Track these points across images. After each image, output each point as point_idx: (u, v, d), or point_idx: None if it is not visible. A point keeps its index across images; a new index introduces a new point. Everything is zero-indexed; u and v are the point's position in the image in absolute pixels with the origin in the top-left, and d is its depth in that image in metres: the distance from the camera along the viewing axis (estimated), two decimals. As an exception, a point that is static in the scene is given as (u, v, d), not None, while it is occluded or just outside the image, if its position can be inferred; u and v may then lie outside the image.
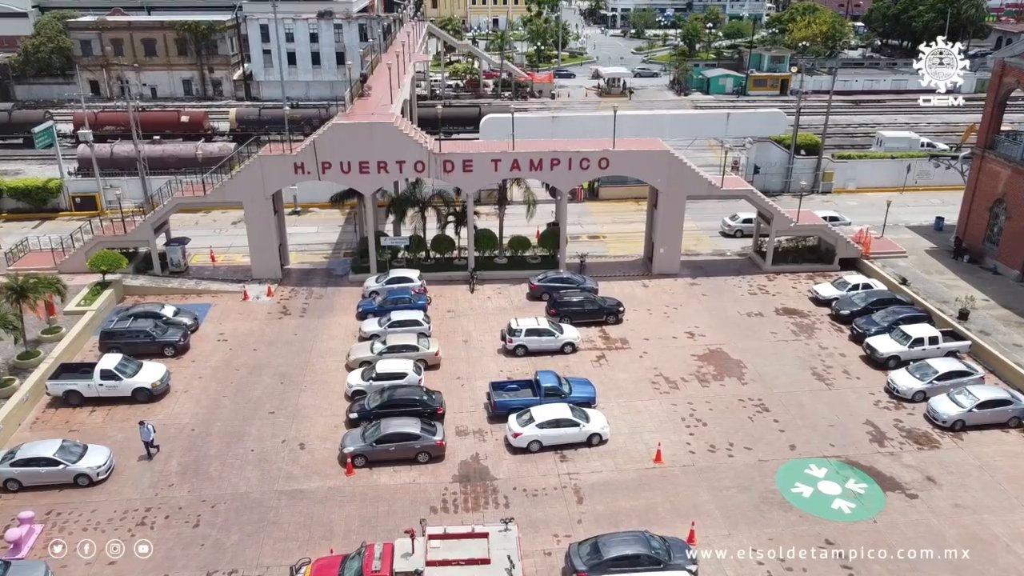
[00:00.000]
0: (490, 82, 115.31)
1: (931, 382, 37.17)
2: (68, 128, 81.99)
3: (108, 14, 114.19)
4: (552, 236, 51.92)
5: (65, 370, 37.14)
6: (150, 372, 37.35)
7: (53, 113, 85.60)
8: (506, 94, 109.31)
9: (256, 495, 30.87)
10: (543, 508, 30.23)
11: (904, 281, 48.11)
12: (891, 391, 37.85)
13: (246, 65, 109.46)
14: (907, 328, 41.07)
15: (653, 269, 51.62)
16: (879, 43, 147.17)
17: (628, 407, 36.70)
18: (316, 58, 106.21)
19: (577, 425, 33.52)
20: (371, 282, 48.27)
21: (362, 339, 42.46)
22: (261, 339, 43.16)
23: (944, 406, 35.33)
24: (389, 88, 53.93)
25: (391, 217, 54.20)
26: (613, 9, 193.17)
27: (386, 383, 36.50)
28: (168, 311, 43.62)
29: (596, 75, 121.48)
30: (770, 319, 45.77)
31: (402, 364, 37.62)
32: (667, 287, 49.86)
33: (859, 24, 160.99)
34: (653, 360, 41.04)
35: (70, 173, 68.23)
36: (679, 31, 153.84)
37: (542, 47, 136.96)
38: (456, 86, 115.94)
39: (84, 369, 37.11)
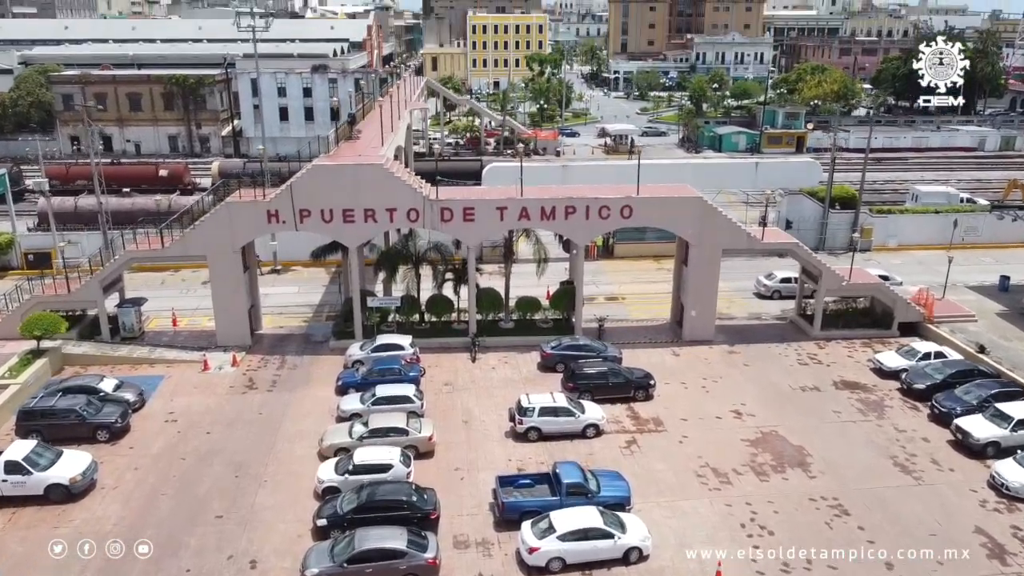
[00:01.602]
0: (492, 140, 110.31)
1: (1050, 476, 29.68)
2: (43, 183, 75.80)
3: (99, 69, 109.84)
4: (566, 296, 44.98)
5: (-35, 460, 29.61)
6: (70, 463, 29.77)
7: (23, 168, 79.98)
8: (508, 151, 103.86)
9: (184, 638, 23.08)
10: (570, 657, 22.42)
11: (982, 349, 40.93)
12: (999, 487, 30.24)
13: (236, 121, 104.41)
14: (1004, 407, 33.70)
15: (684, 335, 44.50)
16: (893, 102, 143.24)
17: (672, 509, 29.07)
18: (309, 113, 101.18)
19: (611, 536, 25.88)
20: (355, 349, 41.10)
21: (340, 419, 35.03)
22: (218, 419, 35.69)
23: (1076, 509, 27.77)
24: (380, 130, 47.78)
25: (381, 275, 47.32)
26: (615, 72, 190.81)
27: (366, 478, 28.98)
28: (107, 385, 36.29)
29: (603, 133, 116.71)
30: (829, 394, 38.41)
31: (386, 453, 30.14)
32: (702, 355, 42.64)
33: (867, 86, 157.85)
34: (696, 446, 33.52)
35: (29, 228, 61.90)
36: (684, 93, 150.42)
37: (545, 106, 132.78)
38: (456, 143, 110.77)
39: (-13, 459, 29.60)
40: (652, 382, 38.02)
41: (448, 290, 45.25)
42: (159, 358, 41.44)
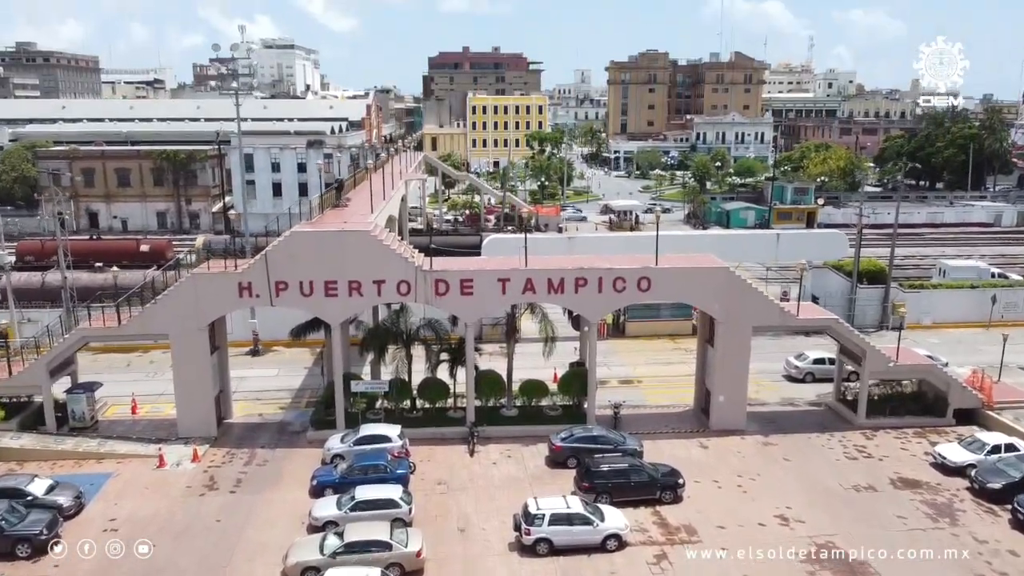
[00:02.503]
0: (492, 217, 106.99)
1: None
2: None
3: (92, 146, 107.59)
4: (576, 379, 39.81)
5: None
6: (-30, 590, 24.16)
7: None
8: (509, 228, 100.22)
9: None
10: None
11: (1058, 440, 35.59)
12: (1121, 618, 24.53)
13: (227, 198, 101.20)
14: (1107, 512, 28.23)
15: (711, 423, 39.16)
16: (900, 179, 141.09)
17: (719, 649, 23.27)
18: (304, 189, 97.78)
19: None
20: (334, 442, 35.71)
21: (312, 528, 29.43)
22: (167, 527, 30.04)
23: None
24: (370, 197, 43.60)
25: (369, 356, 42.28)
26: (615, 152, 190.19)
27: (336, 609, 23.31)
28: (38, 487, 30.81)
29: (606, 209, 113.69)
30: (888, 495, 32.83)
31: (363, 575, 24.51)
32: (734, 447, 37.20)
33: (871, 164, 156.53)
34: (738, 562, 27.81)
35: (-9, 307, 57.22)
36: (687, 172, 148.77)
37: (546, 183, 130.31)
38: (455, 220, 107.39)
39: None
40: (681, 481, 32.51)
41: (443, 372, 40.14)
42: (109, 452, 35.97)
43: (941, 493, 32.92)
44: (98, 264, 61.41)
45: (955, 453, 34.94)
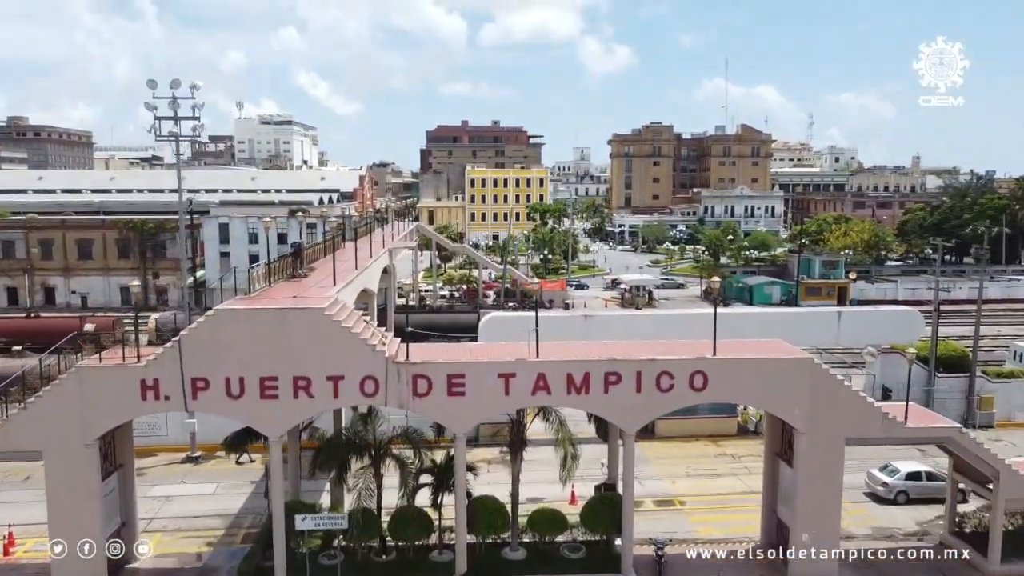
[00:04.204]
0: (491, 293, 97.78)
1: None
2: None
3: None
4: (605, 510, 29.40)
5: None
6: None
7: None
8: (510, 304, 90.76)
9: None
10: None
11: None
12: None
13: (200, 272, 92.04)
14: None
15: (791, 569, 28.56)
16: (930, 253, 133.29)
17: None
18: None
19: None
20: (266, 609, 25.16)
21: None
22: None
23: None
24: (333, 267, 34.07)
25: (331, 474, 31.86)
26: (620, 226, 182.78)
27: None
28: None
29: (614, 283, 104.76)
30: None
31: None
32: (830, 613, 26.57)
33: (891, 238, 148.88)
34: None
35: None
36: (697, 245, 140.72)
37: (549, 257, 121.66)
38: (451, 295, 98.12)
39: None
40: None
41: (424, 499, 29.75)
42: (-56, 623, 25.41)
43: None
44: (16, 347, 51.67)
45: None
